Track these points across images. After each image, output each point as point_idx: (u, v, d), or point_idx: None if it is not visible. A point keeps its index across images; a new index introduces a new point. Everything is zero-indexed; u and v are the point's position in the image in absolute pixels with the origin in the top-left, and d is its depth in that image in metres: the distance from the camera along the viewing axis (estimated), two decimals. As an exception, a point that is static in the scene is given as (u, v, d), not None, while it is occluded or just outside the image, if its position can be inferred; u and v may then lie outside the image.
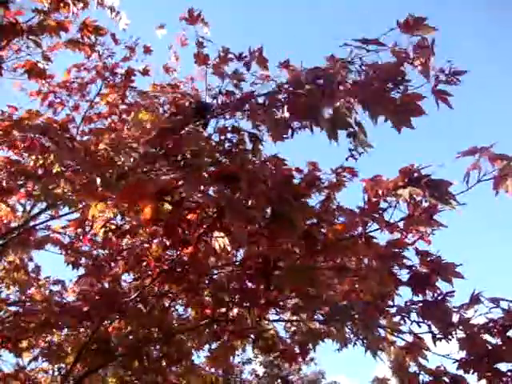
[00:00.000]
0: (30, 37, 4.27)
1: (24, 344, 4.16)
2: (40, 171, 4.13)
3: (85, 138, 4.56)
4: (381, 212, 2.67)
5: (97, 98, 5.00)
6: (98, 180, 2.79)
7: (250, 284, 2.52)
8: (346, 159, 2.91)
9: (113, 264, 3.02)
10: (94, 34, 4.62)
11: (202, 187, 2.16)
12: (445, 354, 2.93)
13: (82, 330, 3.22)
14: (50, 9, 4.25)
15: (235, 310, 2.78)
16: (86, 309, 3.01)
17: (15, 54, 4.34)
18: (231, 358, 4.43)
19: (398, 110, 2.40)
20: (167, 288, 2.83)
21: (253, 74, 4.24)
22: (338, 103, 2.49)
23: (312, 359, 6.89)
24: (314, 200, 3.04)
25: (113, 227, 2.58)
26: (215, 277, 2.71)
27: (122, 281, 3.13)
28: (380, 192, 2.44)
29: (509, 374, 2.60)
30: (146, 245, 2.68)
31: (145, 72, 5.10)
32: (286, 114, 2.70)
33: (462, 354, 2.78)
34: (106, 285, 3.03)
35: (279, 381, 6.85)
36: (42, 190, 4.25)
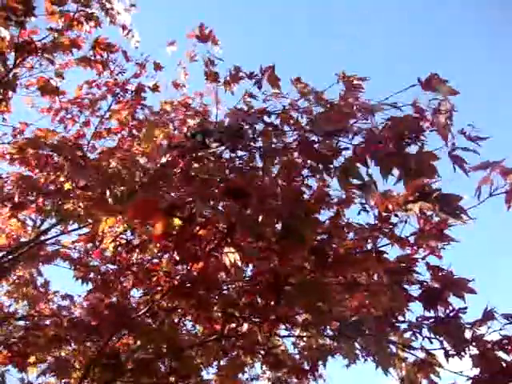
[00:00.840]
0: (44, 55, 4.35)
1: (32, 359, 4.17)
2: (51, 187, 4.19)
3: (95, 154, 4.61)
4: (391, 227, 2.67)
5: (107, 114, 5.06)
6: (109, 196, 2.83)
7: (260, 300, 2.51)
8: (358, 213, 2.90)
9: (122, 279, 3.03)
10: (106, 51, 4.71)
11: (212, 203, 2.17)
12: (457, 370, 2.89)
13: (89, 344, 3.21)
14: (63, 27, 4.33)
15: (245, 326, 2.76)
16: (94, 323, 3.01)
17: (28, 71, 4.41)
18: (240, 374, 4.42)
19: (410, 169, 2.42)
20: (176, 303, 2.83)
21: (264, 92, 4.29)
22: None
23: (320, 375, 6.78)
24: (324, 216, 3.04)
25: (123, 242, 2.59)
26: (225, 292, 2.70)
27: (130, 296, 3.13)
28: (390, 207, 2.43)
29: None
30: (156, 260, 2.69)
31: (155, 88, 5.17)
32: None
33: (475, 371, 2.74)
34: (115, 299, 3.04)
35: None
36: (53, 205, 4.31)
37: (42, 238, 4.91)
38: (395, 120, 2.72)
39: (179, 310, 2.94)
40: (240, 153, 3.24)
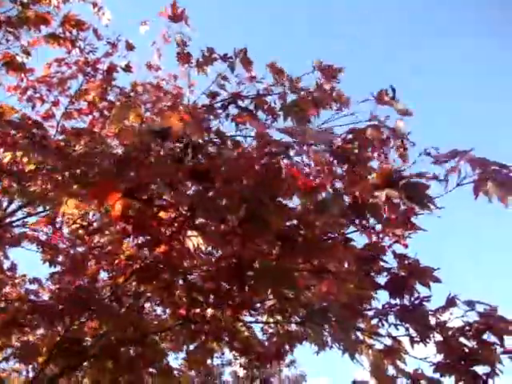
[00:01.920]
0: (8, 29, 4.18)
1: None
2: (15, 168, 4.05)
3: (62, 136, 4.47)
4: (359, 214, 2.65)
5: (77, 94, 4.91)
6: (74, 178, 2.74)
7: (224, 284, 2.47)
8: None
9: (89, 262, 2.96)
10: (76, 28, 4.55)
11: (175, 186, 2.11)
12: (422, 357, 2.92)
13: (55, 329, 3.13)
14: (29, 0, 4.16)
15: (210, 311, 2.73)
16: (59, 307, 2.94)
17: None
18: (209, 360, 4.40)
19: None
20: (142, 288, 2.77)
21: (237, 76, 4.22)
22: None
23: (292, 361, 6.86)
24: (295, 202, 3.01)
25: (84, 224, 2.52)
26: (189, 277, 2.65)
27: (96, 280, 3.06)
28: (357, 194, 2.41)
29: (484, 376, 2.60)
30: (118, 243, 2.62)
31: (127, 68, 5.03)
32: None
33: (439, 357, 2.77)
34: (78, 283, 2.97)
35: (258, 382, 6.81)
36: (17, 187, 4.17)
37: (9, 219, 4.77)
38: (355, 131, 2.72)
39: (144, 295, 2.88)
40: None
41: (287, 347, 3.92)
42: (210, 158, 2.30)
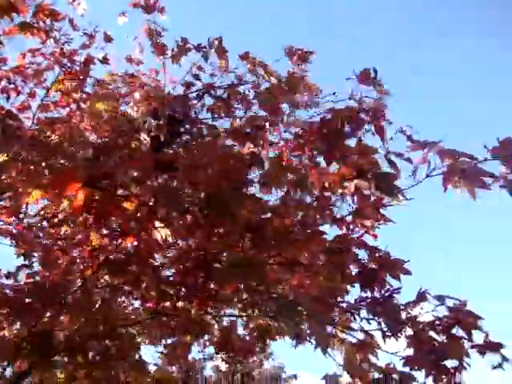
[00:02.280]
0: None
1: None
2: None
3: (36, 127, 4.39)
4: (329, 206, 2.63)
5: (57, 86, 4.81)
6: (46, 169, 2.68)
7: (189, 277, 2.43)
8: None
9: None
10: (50, 18, 4.46)
11: (140, 176, 2.06)
12: (394, 351, 2.91)
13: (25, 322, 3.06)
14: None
15: (180, 304, 2.69)
16: (25, 301, 2.88)
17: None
18: (187, 354, 4.36)
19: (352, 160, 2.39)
20: (111, 280, 2.72)
21: (211, 64, 4.18)
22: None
23: (270, 354, 6.86)
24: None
25: (48, 216, 2.46)
26: (159, 269, 2.61)
27: (68, 272, 2.99)
28: (327, 184, 2.38)
29: (452, 371, 2.60)
30: (82, 235, 2.56)
31: (104, 61, 4.93)
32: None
33: (410, 351, 2.76)
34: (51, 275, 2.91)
35: (238, 376, 6.79)
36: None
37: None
38: (334, 111, 2.69)
39: (114, 288, 2.83)
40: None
41: (266, 341, 3.90)
42: (182, 148, 2.26)
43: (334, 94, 3.68)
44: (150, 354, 5.22)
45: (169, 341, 4.11)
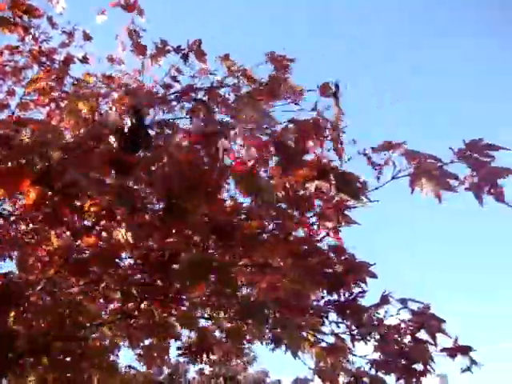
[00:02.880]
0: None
1: None
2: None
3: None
4: (293, 206, 2.59)
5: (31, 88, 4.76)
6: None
7: (148, 278, 2.40)
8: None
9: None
10: (28, 14, 4.42)
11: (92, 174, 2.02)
12: (363, 354, 2.89)
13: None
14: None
15: (143, 305, 2.65)
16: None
17: None
18: (165, 356, 4.31)
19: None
20: (73, 280, 2.68)
21: (190, 65, 4.15)
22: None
23: (254, 358, 6.83)
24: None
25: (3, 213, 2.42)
26: (120, 270, 2.57)
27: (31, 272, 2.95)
28: (288, 185, 2.35)
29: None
30: (40, 233, 2.53)
31: (84, 60, 4.90)
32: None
33: (376, 354, 2.74)
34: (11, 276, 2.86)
35: (221, 379, 6.76)
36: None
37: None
38: (297, 122, 2.67)
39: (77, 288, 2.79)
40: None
41: (241, 343, 3.85)
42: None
43: (297, 103, 3.66)
44: (129, 356, 5.19)
45: (146, 342, 4.07)
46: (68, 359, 3.14)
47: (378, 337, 2.75)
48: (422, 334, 2.53)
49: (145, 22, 4.06)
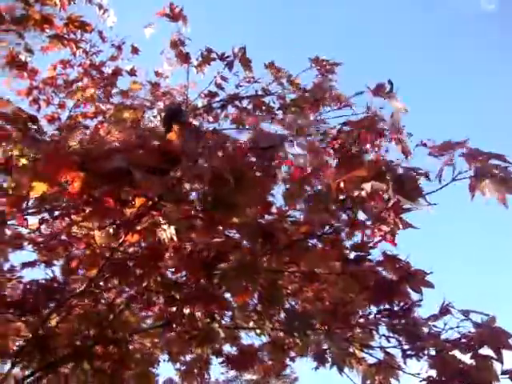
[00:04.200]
0: (12, 26, 4.20)
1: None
2: (8, 164, 4.00)
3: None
4: (346, 210, 2.47)
5: (79, 95, 4.88)
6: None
7: (192, 278, 2.31)
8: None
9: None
10: (80, 29, 4.55)
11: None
12: (415, 372, 2.68)
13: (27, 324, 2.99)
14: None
15: (185, 310, 2.55)
16: (32, 301, 2.82)
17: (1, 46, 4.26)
18: (205, 371, 4.19)
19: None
20: (114, 282, 2.63)
21: (235, 73, 4.15)
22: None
23: (295, 379, 6.60)
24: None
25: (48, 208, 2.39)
26: (164, 272, 2.50)
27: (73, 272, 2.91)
28: (342, 186, 2.23)
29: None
30: (85, 230, 2.49)
31: (132, 72, 5.00)
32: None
33: (433, 372, 2.53)
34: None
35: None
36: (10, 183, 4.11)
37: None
38: (352, 124, 2.57)
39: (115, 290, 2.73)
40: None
41: (284, 358, 3.69)
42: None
43: (349, 107, 3.58)
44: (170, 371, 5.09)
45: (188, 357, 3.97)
46: (107, 364, 3.08)
47: (433, 353, 2.54)
48: (486, 350, 2.30)
49: (189, 31, 4.10)
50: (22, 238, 4.83)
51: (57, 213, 2.19)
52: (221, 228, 2.17)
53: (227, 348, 3.70)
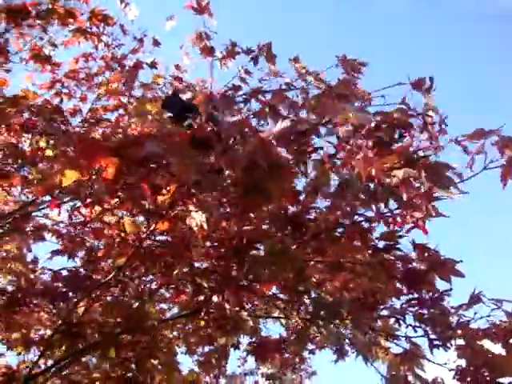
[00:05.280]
0: (38, 21, 4.25)
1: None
2: (36, 156, 4.06)
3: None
4: (375, 198, 2.46)
5: (101, 89, 4.91)
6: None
7: (222, 264, 2.32)
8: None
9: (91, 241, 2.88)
10: (103, 23, 4.59)
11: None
12: (442, 362, 2.66)
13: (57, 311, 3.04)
14: (58, -7, 4.22)
15: (214, 298, 2.57)
16: (61, 289, 2.86)
17: (20, 37, 4.31)
18: (224, 362, 4.22)
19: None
20: (142, 270, 2.65)
21: (260, 69, 4.14)
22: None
23: (313, 373, 6.58)
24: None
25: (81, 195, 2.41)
26: (193, 260, 2.51)
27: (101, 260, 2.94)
28: (374, 173, 2.21)
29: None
30: (114, 217, 2.52)
31: (153, 65, 5.02)
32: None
33: (461, 362, 2.51)
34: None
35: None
36: (37, 175, 4.18)
37: (30, 209, 4.77)
38: (384, 115, 2.55)
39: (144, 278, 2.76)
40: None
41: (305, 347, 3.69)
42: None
43: (382, 96, 3.54)
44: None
45: (206, 349, 4.00)
46: (132, 353, 3.11)
47: (462, 342, 2.53)
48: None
49: (214, 25, 4.10)
50: (45, 229, 4.93)
51: (88, 200, 2.20)
52: (252, 216, 2.18)
53: (245, 340, 3.73)
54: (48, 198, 4.45)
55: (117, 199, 2.10)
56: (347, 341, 2.96)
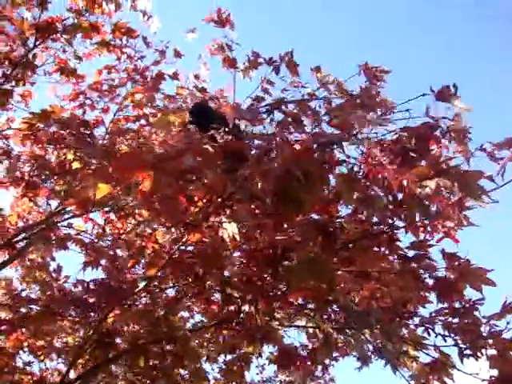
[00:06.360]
0: (64, 36, 4.34)
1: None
2: (62, 168, 4.14)
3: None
4: (405, 207, 2.47)
5: (125, 101, 4.99)
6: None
7: (256, 274, 2.34)
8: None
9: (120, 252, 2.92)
10: (126, 35, 4.68)
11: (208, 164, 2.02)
12: (472, 372, 2.64)
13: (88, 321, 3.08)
14: (83, 9, 4.31)
15: (245, 308, 2.59)
16: (91, 300, 2.91)
17: (45, 51, 4.41)
18: (245, 371, 4.22)
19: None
20: (172, 281, 2.69)
21: (282, 78, 4.16)
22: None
23: (332, 380, 6.52)
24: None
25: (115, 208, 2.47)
26: (224, 270, 2.54)
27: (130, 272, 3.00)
28: (405, 183, 2.22)
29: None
30: (148, 230, 2.55)
31: (174, 76, 5.09)
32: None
33: (493, 373, 2.49)
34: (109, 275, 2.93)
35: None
36: (64, 186, 4.26)
37: (55, 220, 4.85)
38: (409, 130, 2.54)
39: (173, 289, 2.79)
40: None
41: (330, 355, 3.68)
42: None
43: (407, 110, 3.52)
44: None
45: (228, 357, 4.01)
46: (159, 362, 3.14)
47: (494, 352, 2.51)
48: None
49: (236, 36, 4.14)
50: (69, 239, 5.00)
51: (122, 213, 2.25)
52: (285, 226, 2.20)
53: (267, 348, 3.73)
54: (72, 208, 4.54)
55: (152, 211, 2.13)
56: (371, 348, 2.97)
